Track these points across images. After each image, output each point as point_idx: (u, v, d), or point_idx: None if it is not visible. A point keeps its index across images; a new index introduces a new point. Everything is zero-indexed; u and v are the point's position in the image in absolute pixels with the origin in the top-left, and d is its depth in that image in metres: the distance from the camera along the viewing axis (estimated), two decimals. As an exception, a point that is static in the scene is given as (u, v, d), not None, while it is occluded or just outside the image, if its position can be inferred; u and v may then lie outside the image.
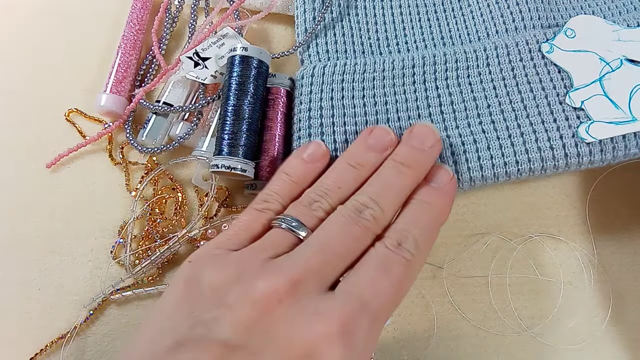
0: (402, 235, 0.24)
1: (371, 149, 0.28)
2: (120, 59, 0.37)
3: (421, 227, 0.25)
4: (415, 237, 0.24)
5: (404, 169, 0.26)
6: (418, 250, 0.24)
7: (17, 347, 0.32)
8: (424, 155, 0.27)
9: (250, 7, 0.39)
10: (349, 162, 0.27)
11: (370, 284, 0.22)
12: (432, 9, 0.37)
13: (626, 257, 0.33)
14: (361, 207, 0.25)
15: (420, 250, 0.24)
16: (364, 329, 0.21)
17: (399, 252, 0.24)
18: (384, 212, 0.25)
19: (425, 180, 0.27)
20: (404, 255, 0.23)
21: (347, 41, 0.36)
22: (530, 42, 0.32)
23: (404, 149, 0.27)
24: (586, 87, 0.30)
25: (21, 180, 0.36)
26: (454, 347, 0.32)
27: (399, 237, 0.24)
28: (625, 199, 0.34)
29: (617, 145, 0.29)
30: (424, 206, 0.26)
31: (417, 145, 0.27)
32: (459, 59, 0.33)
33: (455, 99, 0.32)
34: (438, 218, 0.26)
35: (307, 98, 0.33)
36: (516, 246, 0.33)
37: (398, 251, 0.24)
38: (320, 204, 0.26)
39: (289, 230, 0.25)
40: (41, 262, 0.34)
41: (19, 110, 0.38)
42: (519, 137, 0.30)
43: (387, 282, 0.23)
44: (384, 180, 0.26)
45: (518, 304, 0.32)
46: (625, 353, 0.31)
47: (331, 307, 0.21)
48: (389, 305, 0.23)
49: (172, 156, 0.36)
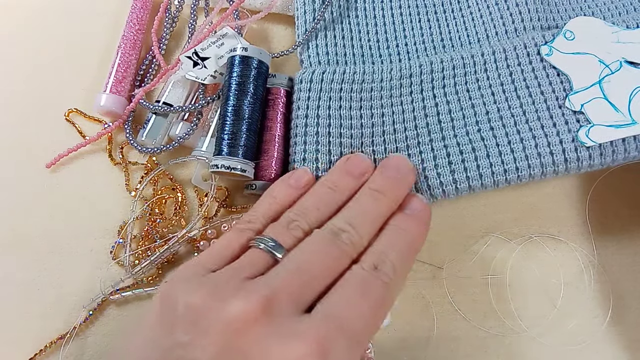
0: (379, 259, 0.25)
1: (348, 174, 0.29)
2: (120, 59, 0.37)
3: (397, 251, 0.25)
4: (392, 260, 0.25)
5: (379, 195, 0.27)
6: (395, 274, 0.24)
7: (17, 347, 0.32)
8: (398, 184, 0.28)
9: (250, 7, 0.39)
10: (328, 185, 0.28)
11: (348, 305, 0.22)
12: (432, 11, 0.37)
13: (626, 258, 0.33)
14: (338, 231, 0.25)
15: (397, 274, 0.24)
16: (342, 350, 0.21)
17: (376, 275, 0.24)
18: (360, 237, 0.25)
19: (400, 209, 0.28)
20: (382, 278, 0.24)
21: (347, 43, 0.36)
22: (529, 46, 0.32)
23: (380, 178, 0.28)
24: (586, 90, 0.30)
25: (21, 180, 0.36)
26: (454, 347, 0.32)
27: (376, 260, 0.24)
28: (625, 199, 0.35)
29: (616, 148, 0.29)
30: (400, 232, 0.26)
31: (392, 174, 0.28)
32: (456, 65, 0.33)
33: (453, 107, 0.31)
34: (413, 244, 0.27)
35: (304, 104, 0.32)
36: (516, 246, 0.33)
37: (376, 273, 0.24)
38: (299, 223, 0.26)
39: (266, 251, 0.25)
40: (41, 262, 0.34)
41: (19, 110, 0.38)
42: (518, 144, 0.29)
43: (365, 304, 0.23)
44: (361, 206, 0.27)
45: (518, 304, 0.32)
46: (625, 353, 0.31)
47: (307, 327, 0.21)
48: (367, 328, 0.23)
49: (172, 156, 0.36)
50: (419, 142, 0.31)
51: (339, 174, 0.29)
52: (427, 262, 0.33)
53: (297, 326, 0.21)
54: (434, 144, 0.31)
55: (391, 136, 0.31)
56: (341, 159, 0.30)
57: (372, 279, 0.24)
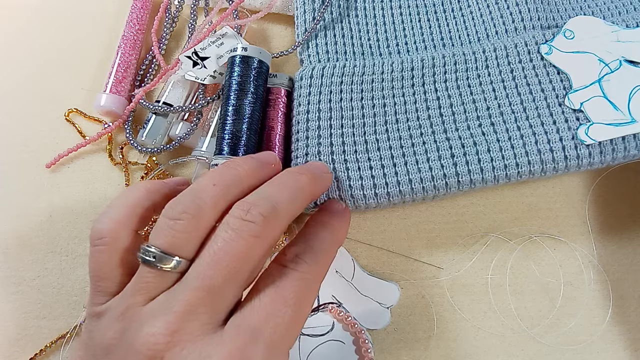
0: (300, 248, 0.23)
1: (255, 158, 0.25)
2: (120, 59, 0.37)
3: (319, 241, 0.24)
4: (313, 249, 0.23)
5: (300, 175, 0.24)
6: (317, 265, 0.23)
7: (17, 347, 0.32)
8: (318, 173, 0.26)
9: (249, 6, 0.39)
10: (229, 164, 0.24)
11: (262, 310, 0.20)
12: (432, 10, 0.37)
13: (626, 257, 0.33)
14: (248, 207, 0.21)
15: (319, 266, 0.23)
16: (259, 358, 0.20)
17: (293, 267, 0.22)
18: (276, 210, 0.21)
19: (323, 208, 0.27)
20: (299, 269, 0.22)
21: (347, 42, 0.36)
22: (529, 44, 0.32)
23: (299, 166, 0.26)
24: (585, 89, 0.30)
25: (21, 180, 0.36)
26: (454, 347, 0.32)
27: (296, 250, 0.23)
28: (625, 199, 0.34)
29: (616, 147, 0.29)
30: (323, 224, 0.25)
31: (312, 167, 0.27)
32: (458, 61, 0.33)
33: (454, 101, 0.32)
34: (336, 238, 0.25)
35: (305, 100, 0.33)
36: (516, 246, 0.33)
37: (293, 266, 0.22)
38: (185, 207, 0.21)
39: (148, 266, 0.20)
40: (41, 262, 0.34)
41: (19, 110, 0.38)
42: (518, 140, 0.30)
43: (281, 304, 0.21)
44: (276, 180, 0.23)
45: (518, 304, 0.32)
46: (625, 353, 0.31)
47: (218, 348, 0.19)
48: (288, 326, 0.21)
49: (172, 156, 0.36)
50: (422, 132, 0.31)
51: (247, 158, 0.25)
52: (427, 262, 0.33)
53: (207, 349, 0.19)
54: (436, 136, 0.31)
55: (394, 125, 0.31)
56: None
57: (290, 273, 0.22)
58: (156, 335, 0.19)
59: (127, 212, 0.23)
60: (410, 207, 0.35)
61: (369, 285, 0.32)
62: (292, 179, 0.24)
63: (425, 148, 0.30)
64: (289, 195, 0.23)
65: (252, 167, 0.24)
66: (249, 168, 0.23)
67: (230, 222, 0.21)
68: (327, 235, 0.25)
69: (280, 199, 0.22)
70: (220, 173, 0.23)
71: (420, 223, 0.34)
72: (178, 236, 0.20)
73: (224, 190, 0.22)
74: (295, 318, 0.21)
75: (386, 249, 0.34)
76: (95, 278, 0.22)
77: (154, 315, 0.20)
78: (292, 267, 0.22)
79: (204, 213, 0.21)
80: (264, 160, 0.25)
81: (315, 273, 0.23)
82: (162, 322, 0.19)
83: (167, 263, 0.20)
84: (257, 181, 0.24)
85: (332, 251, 0.25)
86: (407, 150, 0.31)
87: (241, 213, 0.21)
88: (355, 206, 0.30)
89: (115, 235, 0.22)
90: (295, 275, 0.22)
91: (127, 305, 0.20)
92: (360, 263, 0.33)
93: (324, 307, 0.32)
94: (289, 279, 0.21)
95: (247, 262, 0.21)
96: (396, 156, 0.30)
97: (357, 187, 0.30)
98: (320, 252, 0.23)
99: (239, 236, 0.20)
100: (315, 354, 0.31)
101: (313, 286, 0.23)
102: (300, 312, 0.21)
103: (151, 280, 0.20)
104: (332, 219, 0.26)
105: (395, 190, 0.30)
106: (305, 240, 0.24)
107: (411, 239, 0.34)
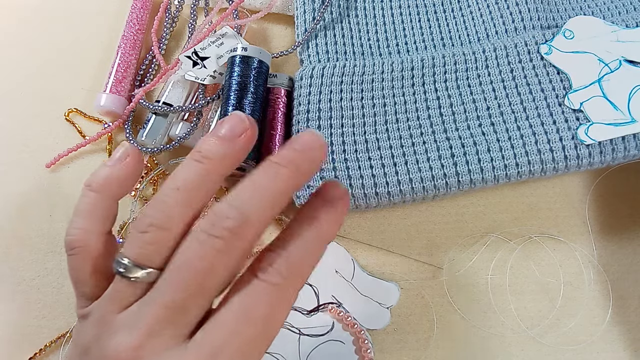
0: (275, 254, 0.21)
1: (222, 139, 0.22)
2: (120, 59, 0.37)
3: (300, 244, 0.21)
4: (290, 256, 0.21)
5: (280, 168, 0.21)
6: (291, 273, 0.20)
7: (17, 347, 0.32)
8: (305, 157, 0.22)
9: (249, 6, 0.39)
10: (193, 157, 0.21)
11: (225, 327, 0.20)
12: (432, 10, 0.37)
13: (626, 257, 0.33)
14: (215, 220, 0.20)
15: (295, 273, 0.21)
16: None
17: (265, 279, 0.20)
18: (247, 221, 0.20)
19: (315, 195, 0.23)
20: (271, 281, 0.20)
21: (347, 42, 0.36)
22: (529, 44, 0.32)
23: (283, 150, 0.22)
24: (585, 89, 0.30)
25: (21, 180, 0.36)
26: (454, 347, 0.32)
27: (271, 259, 0.20)
28: (625, 199, 0.34)
29: (616, 146, 0.29)
30: (309, 221, 0.22)
31: (298, 147, 0.22)
32: (458, 61, 0.33)
33: (454, 101, 0.32)
34: (323, 235, 0.22)
35: (305, 99, 0.33)
36: (516, 247, 0.33)
37: (265, 277, 0.20)
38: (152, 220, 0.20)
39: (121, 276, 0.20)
40: (41, 262, 0.34)
41: (19, 110, 0.38)
42: (518, 139, 0.30)
43: (245, 322, 0.20)
44: (251, 182, 0.21)
45: (518, 304, 0.32)
46: (626, 353, 0.31)
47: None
48: (253, 344, 0.20)
49: (172, 156, 0.36)
50: (422, 132, 0.31)
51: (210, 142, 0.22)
52: (427, 262, 0.33)
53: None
54: (436, 136, 0.31)
55: (394, 125, 0.31)
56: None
57: (261, 287, 0.20)
58: (121, 350, 0.19)
59: (88, 218, 0.23)
60: (410, 207, 0.35)
61: (369, 285, 0.32)
62: (269, 178, 0.21)
63: (425, 147, 0.30)
64: (264, 201, 0.20)
65: (217, 154, 0.21)
66: (214, 156, 0.21)
67: (195, 235, 0.20)
68: (312, 233, 0.22)
69: (253, 206, 0.20)
70: (183, 173, 0.21)
71: (420, 223, 0.34)
72: (147, 247, 0.20)
73: (190, 195, 0.21)
74: (262, 335, 0.20)
75: (386, 249, 0.34)
76: (75, 284, 0.23)
77: (122, 328, 0.20)
78: (263, 279, 0.20)
79: (171, 223, 0.20)
80: (230, 135, 0.22)
81: (291, 285, 0.21)
82: (128, 338, 0.19)
83: (136, 274, 0.20)
84: (228, 166, 0.22)
85: (317, 252, 0.22)
86: (408, 149, 0.31)
87: (207, 227, 0.20)
88: (356, 205, 0.30)
89: (84, 243, 0.22)
90: (267, 289, 0.20)
91: (103, 313, 0.21)
92: (360, 263, 0.33)
93: (324, 307, 0.32)
94: (259, 293, 0.20)
95: (212, 277, 0.20)
96: (397, 155, 0.30)
97: (357, 185, 0.30)
98: (299, 259, 0.21)
99: (204, 251, 0.19)
100: (315, 354, 0.31)
101: (288, 298, 0.21)
102: (269, 328, 0.20)
103: (123, 289, 0.20)
104: (320, 212, 0.22)
105: (395, 190, 0.30)
106: (284, 244, 0.21)
107: (411, 239, 0.34)
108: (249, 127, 0.22)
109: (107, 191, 0.24)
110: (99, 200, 0.23)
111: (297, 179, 0.21)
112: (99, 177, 0.24)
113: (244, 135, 0.22)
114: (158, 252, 0.20)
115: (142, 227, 0.20)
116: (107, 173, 0.24)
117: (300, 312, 0.32)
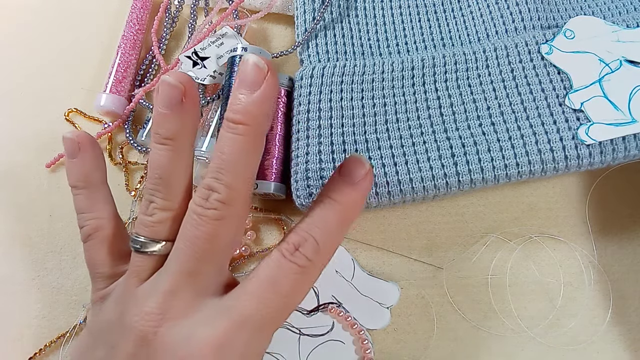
0: (302, 238, 0.22)
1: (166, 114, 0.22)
2: (120, 59, 0.37)
3: (326, 229, 0.23)
4: (316, 240, 0.22)
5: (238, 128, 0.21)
6: (318, 255, 0.22)
7: (17, 347, 0.32)
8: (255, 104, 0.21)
9: (249, 6, 0.39)
10: (156, 141, 0.22)
11: (255, 297, 0.21)
12: (432, 10, 0.37)
13: (626, 257, 0.33)
14: (206, 194, 0.21)
15: (320, 255, 0.22)
16: (242, 342, 0.21)
17: (293, 260, 0.22)
18: (234, 191, 0.21)
19: (339, 174, 0.24)
20: (298, 263, 0.22)
21: (347, 42, 0.36)
22: (530, 44, 0.32)
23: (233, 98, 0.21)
24: (586, 89, 0.30)
25: (21, 180, 0.36)
26: (454, 348, 0.32)
27: (298, 241, 0.22)
28: (625, 199, 0.34)
29: (616, 147, 0.29)
30: (333, 205, 0.23)
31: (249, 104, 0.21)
32: (458, 61, 0.33)
33: (455, 101, 0.32)
34: (347, 217, 0.24)
35: (305, 99, 0.33)
36: (516, 247, 0.33)
37: (292, 258, 0.22)
38: (155, 204, 0.22)
39: (137, 252, 0.23)
40: (41, 262, 0.34)
41: (19, 110, 0.38)
42: (519, 139, 0.30)
43: (273, 294, 0.21)
44: (219, 149, 0.22)
45: (518, 304, 0.32)
46: (626, 353, 0.31)
47: (208, 328, 0.21)
48: (278, 314, 0.22)
49: (172, 156, 0.36)
50: (422, 132, 0.31)
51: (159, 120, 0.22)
52: (427, 262, 0.33)
53: (197, 326, 0.21)
54: (437, 135, 0.31)
55: (394, 124, 0.31)
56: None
57: (288, 266, 0.22)
58: (149, 312, 0.21)
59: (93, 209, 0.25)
60: (410, 207, 0.35)
61: (369, 285, 0.32)
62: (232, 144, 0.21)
63: (425, 147, 0.30)
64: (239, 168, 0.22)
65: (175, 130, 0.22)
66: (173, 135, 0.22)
67: (193, 209, 0.22)
68: (334, 216, 0.23)
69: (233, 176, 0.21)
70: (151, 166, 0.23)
71: (420, 223, 0.34)
72: (156, 226, 0.22)
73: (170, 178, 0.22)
74: (286, 307, 0.22)
75: (386, 249, 0.34)
76: (91, 267, 0.25)
77: (145, 296, 0.22)
78: (291, 260, 0.22)
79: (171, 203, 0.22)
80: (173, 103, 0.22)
81: (315, 266, 0.23)
82: (150, 302, 0.21)
83: (153, 248, 0.22)
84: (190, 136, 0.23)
85: (341, 234, 0.24)
86: (408, 149, 0.31)
87: (201, 201, 0.21)
88: None
89: (99, 228, 0.25)
90: (294, 269, 0.22)
91: (124, 288, 0.23)
92: (360, 263, 0.33)
93: (324, 307, 0.32)
94: (287, 272, 0.22)
95: (216, 242, 0.21)
96: (397, 155, 0.30)
97: None
98: (323, 243, 0.23)
99: (203, 221, 0.21)
100: (315, 354, 0.31)
101: (312, 278, 0.23)
102: (293, 302, 0.22)
103: (141, 264, 0.22)
104: (341, 195, 0.23)
105: (396, 189, 0.30)
106: (309, 226, 0.23)
107: (411, 239, 0.34)
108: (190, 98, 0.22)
109: (90, 182, 0.25)
110: (90, 192, 0.25)
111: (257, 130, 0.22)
112: (76, 176, 0.25)
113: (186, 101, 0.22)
114: (165, 227, 0.22)
115: (149, 211, 0.23)
116: (78, 169, 0.25)
117: (300, 312, 0.32)
